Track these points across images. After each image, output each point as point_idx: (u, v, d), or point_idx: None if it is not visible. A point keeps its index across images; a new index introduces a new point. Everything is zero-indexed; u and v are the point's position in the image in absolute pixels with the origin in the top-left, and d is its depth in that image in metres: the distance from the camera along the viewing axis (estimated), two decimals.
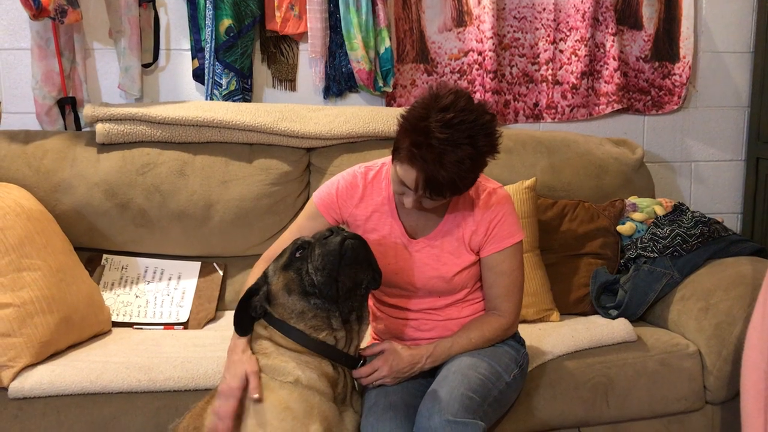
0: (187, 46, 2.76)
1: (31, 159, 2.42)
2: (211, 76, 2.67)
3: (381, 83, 2.81)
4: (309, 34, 2.74)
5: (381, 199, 1.85)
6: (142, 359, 2.00)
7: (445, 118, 1.58)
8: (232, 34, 2.65)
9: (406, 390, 1.74)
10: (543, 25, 2.94)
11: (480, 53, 2.88)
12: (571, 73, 2.96)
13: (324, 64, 2.81)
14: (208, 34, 2.64)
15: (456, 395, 1.61)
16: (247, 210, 2.50)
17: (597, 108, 3.01)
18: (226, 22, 2.63)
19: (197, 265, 2.55)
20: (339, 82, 2.83)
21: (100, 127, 2.45)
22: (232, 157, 2.52)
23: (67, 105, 2.62)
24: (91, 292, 2.25)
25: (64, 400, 1.88)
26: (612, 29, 2.94)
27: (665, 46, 3.04)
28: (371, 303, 1.93)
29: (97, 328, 2.23)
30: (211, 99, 2.69)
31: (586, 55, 2.93)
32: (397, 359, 1.74)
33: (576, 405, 2.04)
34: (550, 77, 2.97)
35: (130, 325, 2.37)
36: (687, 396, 2.12)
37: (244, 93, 2.73)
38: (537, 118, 3.01)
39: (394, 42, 2.86)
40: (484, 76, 2.87)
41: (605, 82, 2.98)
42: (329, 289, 1.60)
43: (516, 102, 2.98)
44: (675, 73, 3.05)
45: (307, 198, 2.60)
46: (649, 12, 3.01)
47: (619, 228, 2.57)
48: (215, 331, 2.32)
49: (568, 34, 2.95)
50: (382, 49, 2.78)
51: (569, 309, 2.46)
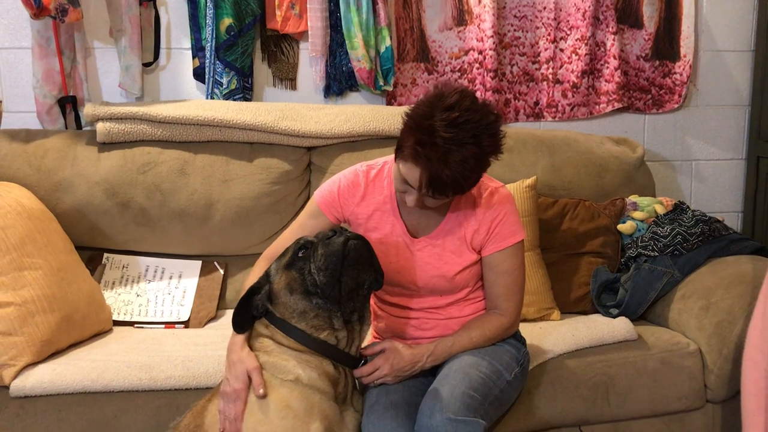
0: (188, 45, 2.76)
1: (31, 158, 2.42)
2: (211, 75, 2.67)
3: (381, 82, 2.81)
4: (309, 32, 2.75)
5: (383, 198, 1.85)
6: (143, 358, 2.00)
7: (450, 117, 1.58)
8: (232, 33, 2.64)
9: (407, 389, 1.74)
10: (543, 23, 2.94)
11: (480, 52, 2.88)
12: (572, 71, 2.96)
13: (324, 63, 2.81)
14: (208, 33, 2.64)
15: (457, 394, 1.61)
16: (248, 209, 2.50)
17: (597, 107, 3.01)
18: (227, 21, 2.63)
19: (198, 264, 2.55)
20: (339, 81, 2.83)
21: (100, 126, 2.45)
22: (233, 156, 2.52)
23: (68, 104, 2.62)
24: (92, 291, 2.25)
25: (65, 398, 1.88)
26: (612, 28, 2.94)
27: (666, 44, 3.04)
28: (372, 302, 1.93)
29: (98, 326, 2.23)
30: (211, 98, 2.69)
31: (586, 54, 2.93)
32: (398, 358, 1.74)
33: (577, 403, 2.05)
34: (550, 76, 2.97)
35: (131, 323, 2.37)
36: (687, 395, 2.12)
37: (244, 92, 2.73)
38: (537, 116, 3.01)
39: (395, 41, 2.86)
40: (485, 74, 2.87)
41: (606, 81, 2.98)
42: (332, 290, 1.60)
43: (516, 101, 2.98)
44: (675, 72, 3.05)
45: (308, 197, 2.60)
46: (649, 11, 3.01)
47: (620, 227, 2.57)
48: (216, 330, 2.32)
49: (568, 32, 2.95)
50: (383, 48, 2.78)
51: (570, 308, 2.46)
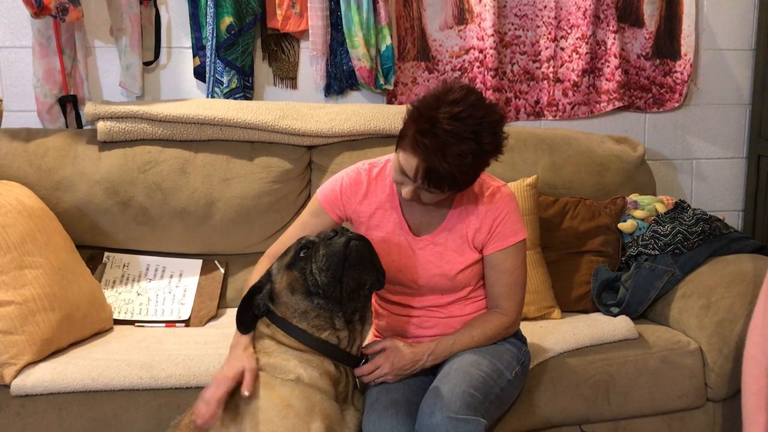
0: (189, 44, 2.76)
1: (32, 157, 2.42)
2: (212, 74, 2.67)
3: (382, 81, 2.81)
4: (310, 31, 2.74)
5: (385, 196, 1.85)
6: (143, 357, 2.00)
7: (454, 110, 1.59)
8: (233, 32, 2.64)
9: (408, 387, 1.74)
10: (544, 22, 2.94)
11: (481, 51, 2.87)
12: (572, 70, 2.96)
13: (325, 62, 2.81)
14: (209, 31, 2.64)
15: (458, 392, 1.61)
16: (249, 208, 2.50)
17: (598, 105, 3.01)
18: (227, 20, 2.63)
19: (198, 262, 2.55)
20: (340, 80, 2.83)
21: (101, 125, 2.45)
22: (234, 155, 2.52)
23: (69, 103, 2.62)
24: (93, 289, 2.25)
25: (66, 397, 1.89)
26: (613, 27, 2.93)
27: (666, 43, 3.04)
28: (374, 300, 1.93)
29: (99, 325, 2.23)
30: (212, 97, 2.69)
31: (587, 53, 2.92)
32: (399, 356, 1.74)
33: (577, 402, 2.05)
34: (551, 75, 2.97)
35: (131, 322, 2.37)
36: (688, 393, 2.12)
37: (245, 91, 2.73)
38: (538, 115, 3.00)
39: (395, 40, 2.86)
40: (485, 73, 2.87)
41: (606, 80, 2.98)
42: (333, 290, 1.60)
43: (517, 100, 2.98)
44: (676, 71, 3.05)
45: (309, 196, 2.60)
46: (650, 9, 3.01)
47: (621, 225, 2.57)
48: (216, 329, 2.32)
49: (569, 31, 2.95)
50: (383, 47, 2.78)
51: (570, 306, 2.46)
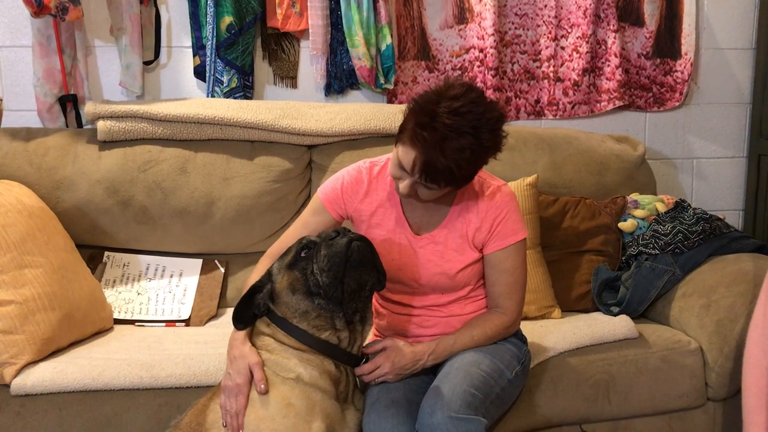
0: (189, 43, 2.76)
1: (32, 156, 2.42)
2: (212, 73, 2.67)
3: (382, 80, 2.80)
4: (310, 31, 2.74)
5: (386, 195, 1.85)
6: (143, 356, 2.00)
7: (454, 105, 1.61)
8: (233, 32, 2.64)
9: (408, 387, 1.74)
10: (544, 21, 2.94)
11: (481, 50, 2.87)
12: (573, 70, 2.95)
13: (325, 61, 2.81)
14: (209, 31, 2.64)
15: (458, 392, 1.61)
16: (249, 207, 2.50)
17: (598, 105, 3.01)
18: (227, 20, 2.63)
19: (199, 262, 2.55)
20: (340, 79, 2.83)
21: (101, 125, 2.45)
22: (234, 154, 2.52)
23: (69, 102, 2.62)
24: (93, 289, 2.25)
25: (66, 396, 1.89)
26: (613, 26, 2.93)
27: (667, 42, 3.04)
28: (374, 299, 1.93)
29: (99, 325, 2.23)
30: (212, 96, 2.69)
31: (587, 52, 2.92)
32: (399, 356, 1.74)
33: (578, 402, 2.05)
34: (551, 74, 2.97)
35: (131, 322, 2.37)
36: (688, 393, 2.12)
37: (245, 90, 2.73)
38: (538, 115, 3.00)
39: (396, 39, 2.86)
40: (486, 73, 2.87)
41: (607, 79, 2.97)
42: (334, 291, 1.60)
43: (517, 99, 2.98)
44: (677, 70, 3.05)
45: (309, 195, 2.60)
46: (650, 9, 3.00)
47: (621, 225, 2.57)
48: (217, 329, 2.32)
49: (569, 30, 2.95)
50: (384, 46, 2.78)
51: (571, 306, 2.46)
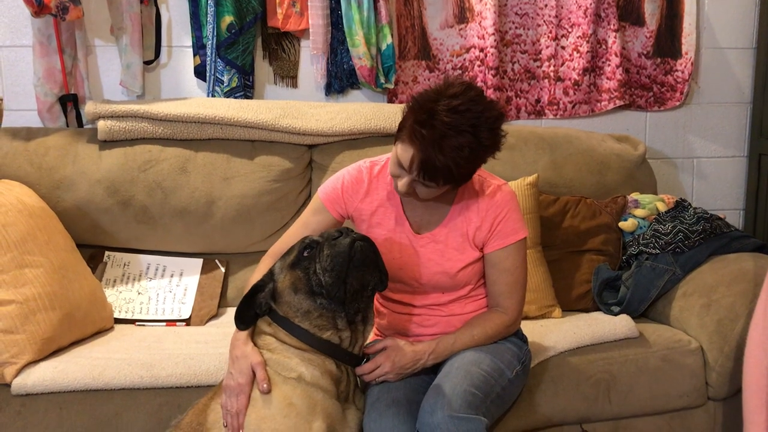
0: (189, 43, 2.76)
1: (33, 156, 2.42)
2: (212, 73, 2.67)
3: (383, 80, 2.80)
4: (310, 30, 2.74)
5: (386, 194, 1.85)
6: (144, 356, 2.00)
7: (453, 104, 1.61)
8: (233, 31, 2.64)
9: (409, 386, 1.74)
10: (545, 21, 2.94)
11: (482, 50, 2.87)
12: (573, 69, 2.95)
13: (325, 61, 2.81)
14: (209, 30, 2.64)
15: (459, 391, 1.61)
16: (249, 207, 2.50)
17: (599, 104, 3.01)
18: (228, 19, 2.63)
19: (199, 261, 2.55)
20: (340, 79, 2.83)
21: (101, 124, 2.45)
22: (234, 153, 2.52)
23: (69, 102, 2.62)
24: (94, 289, 2.25)
25: (67, 396, 1.89)
26: (614, 25, 2.93)
27: (667, 42, 3.04)
28: (375, 299, 1.93)
29: (100, 324, 2.24)
30: (212, 96, 2.69)
31: (588, 52, 2.92)
32: (400, 355, 1.74)
33: (578, 401, 2.05)
34: (551, 74, 2.97)
35: (132, 321, 2.37)
36: (689, 392, 2.12)
37: (245, 90, 2.73)
38: (539, 114, 3.00)
39: (396, 38, 2.86)
40: (486, 72, 2.87)
41: (607, 79, 2.97)
42: (337, 291, 1.60)
43: (518, 98, 2.98)
44: (677, 70, 3.05)
45: (309, 195, 2.60)
46: (651, 8, 3.00)
47: (621, 224, 2.57)
48: (217, 328, 2.32)
49: (569, 30, 2.95)
50: (384, 46, 2.78)
51: (571, 305, 2.46)
